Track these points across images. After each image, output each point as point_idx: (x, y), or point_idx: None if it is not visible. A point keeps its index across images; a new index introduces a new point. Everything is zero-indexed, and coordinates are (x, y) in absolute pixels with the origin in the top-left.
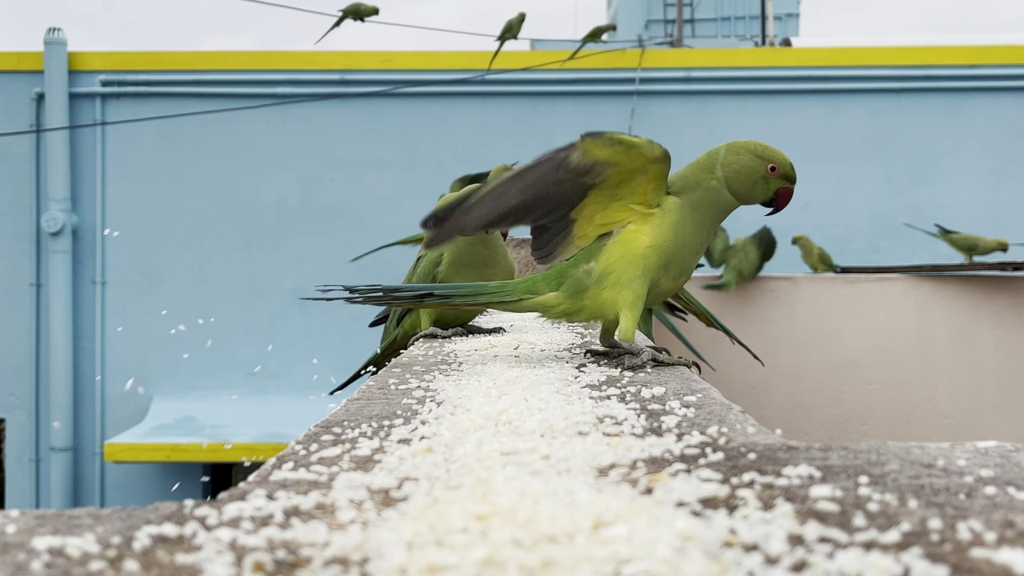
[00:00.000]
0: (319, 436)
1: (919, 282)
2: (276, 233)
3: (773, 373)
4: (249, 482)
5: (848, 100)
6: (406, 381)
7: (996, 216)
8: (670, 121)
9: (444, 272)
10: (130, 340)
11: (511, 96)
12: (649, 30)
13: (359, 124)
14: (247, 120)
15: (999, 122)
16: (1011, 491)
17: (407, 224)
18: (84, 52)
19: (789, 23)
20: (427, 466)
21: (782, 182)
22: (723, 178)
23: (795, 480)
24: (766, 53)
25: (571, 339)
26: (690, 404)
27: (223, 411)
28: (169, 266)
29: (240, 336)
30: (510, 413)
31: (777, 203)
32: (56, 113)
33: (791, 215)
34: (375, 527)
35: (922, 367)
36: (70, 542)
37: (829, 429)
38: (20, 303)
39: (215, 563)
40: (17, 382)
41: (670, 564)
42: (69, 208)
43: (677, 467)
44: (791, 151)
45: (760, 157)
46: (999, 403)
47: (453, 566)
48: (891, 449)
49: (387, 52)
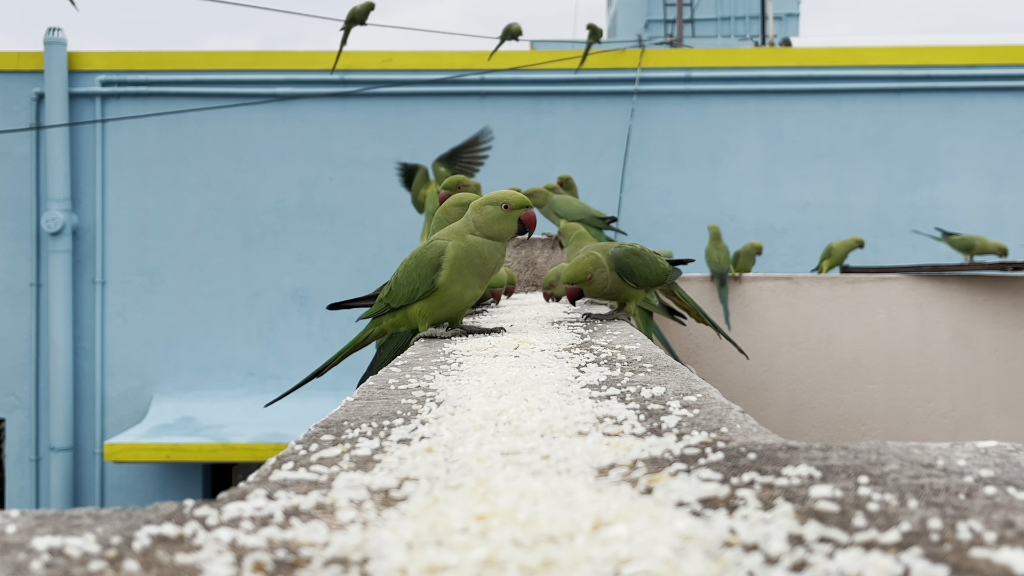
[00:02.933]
0: (319, 436)
1: (919, 282)
2: (276, 233)
3: (773, 373)
4: (249, 482)
5: (848, 100)
6: (406, 381)
7: (996, 216)
8: (670, 121)
9: (445, 273)
10: (130, 340)
11: (511, 96)
12: (649, 30)
13: (359, 124)
14: (247, 120)
15: (999, 122)
16: (1011, 491)
17: (407, 224)
18: (84, 52)
19: (789, 23)
20: (427, 466)
21: (519, 211)
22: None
23: (795, 480)
24: (766, 53)
25: (571, 339)
26: (690, 404)
27: (223, 411)
28: (169, 266)
29: (240, 336)
30: (510, 413)
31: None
32: (56, 113)
33: (791, 214)
34: (375, 527)
35: (922, 367)
36: (70, 542)
37: (829, 429)
38: (20, 303)
39: (215, 563)
40: (17, 382)
41: (670, 564)
42: (69, 208)
43: (677, 467)
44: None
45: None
46: (999, 403)
47: (453, 566)
48: (891, 449)
49: (387, 52)
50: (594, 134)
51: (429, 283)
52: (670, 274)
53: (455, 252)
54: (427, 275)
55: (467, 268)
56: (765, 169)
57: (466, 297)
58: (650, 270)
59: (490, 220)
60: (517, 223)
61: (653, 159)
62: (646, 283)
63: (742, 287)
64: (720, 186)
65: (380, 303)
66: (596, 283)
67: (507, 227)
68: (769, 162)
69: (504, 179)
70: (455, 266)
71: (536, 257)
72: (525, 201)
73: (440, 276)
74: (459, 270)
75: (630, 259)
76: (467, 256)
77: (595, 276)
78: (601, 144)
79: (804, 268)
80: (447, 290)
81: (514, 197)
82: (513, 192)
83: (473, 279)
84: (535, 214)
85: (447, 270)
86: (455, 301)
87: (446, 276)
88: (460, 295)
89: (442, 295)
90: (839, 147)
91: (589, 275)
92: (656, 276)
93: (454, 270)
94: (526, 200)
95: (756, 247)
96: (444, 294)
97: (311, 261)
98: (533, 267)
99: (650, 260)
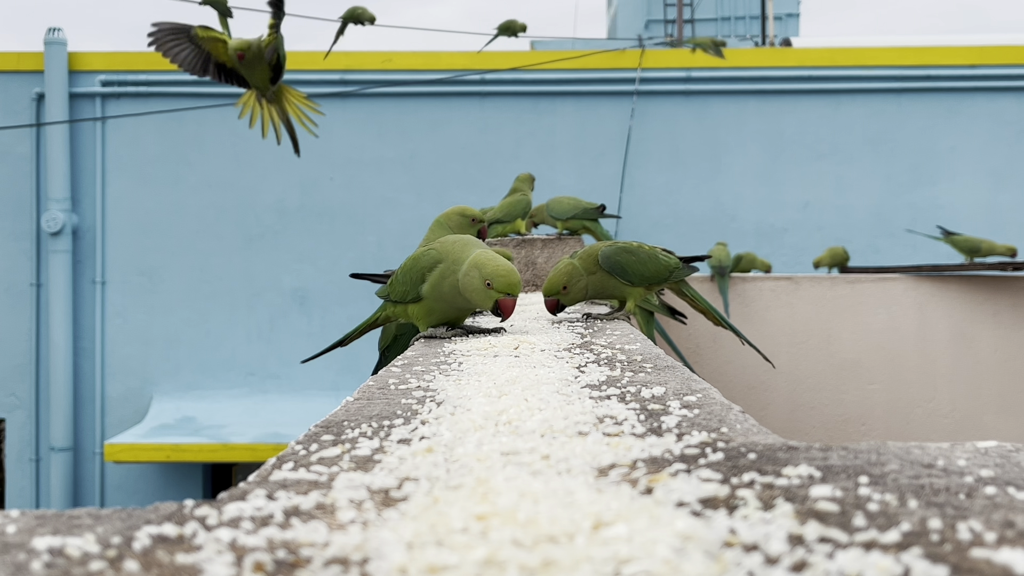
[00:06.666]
0: (319, 436)
1: (919, 282)
2: (276, 233)
3: (773, 373)
4: (249, 482)
5: (848, 100)
6: (406, 381)
7: (996, 216)
8: (670, 121)
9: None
10: (130, 340)
11: (511, 96)
12: (649, 30)
13: (359, 124)
14: (247, 120)
15: (999, 122)
16: (1011, 491)
17: (407, 224)
18: (84, 52)
19: (789, 23)
20: (427, 466)
21: (499, 295)
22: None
23: (795, 480)
24: (766, 53)
25: (571, 339)
26: (690, 404)
27: (223, 411)
28: (169, 266)
29: (240, 336)
30: (510, 413)
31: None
32: (56, 113)
33: (791, 214)
34: (375, 527)
35: (922, 367)
36: (70, 542)
37: (829, 429)
38: (20, 303)
39: (215, 563)
40: (17, 382)
41: (670, 564)
42: (69, 208)
43: (677, 467)
44: (791, 151)
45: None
46: (999, 403)
47: (453, 566)
48: (891, 449)
49: (387, 52)
50: (594, 134)
51: (416, 291)
52: (675, 271)
53: (440, 273)
54: (416, 282)
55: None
56: (765, 169)
57: (456, 305)
58: (646, 267)
59: (470, 286)
60: (493, 304)
61: (653, 159)
62: (642, 280)
63: (742, 287)
64: (720, 186)
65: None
66: (573, 292)
67: (482, 301)
68: (769, 162)
69: (504, 179)
70: (438, 285)
71: (536, 257)
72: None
73: (424, 288)
74: (440, 290)
75: (621, 256)
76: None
77: (570, 286)
78: (601, 144)
79: (804, 268)
80: (431, 301)
81: (500, 280)
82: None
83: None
84: (513, 304)
85: (429, 286)
86: (444, 310)
87: (428, 290)
88: (443, 310)
89: (428, 304)
90: (839, 147)
91: (564, 286)
92: (655, 273)
93: (435, 288)
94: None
95: (765, 265)
96: (429, 304)
97: (311, 261)
98: (533, 267)
99: (646, 257)
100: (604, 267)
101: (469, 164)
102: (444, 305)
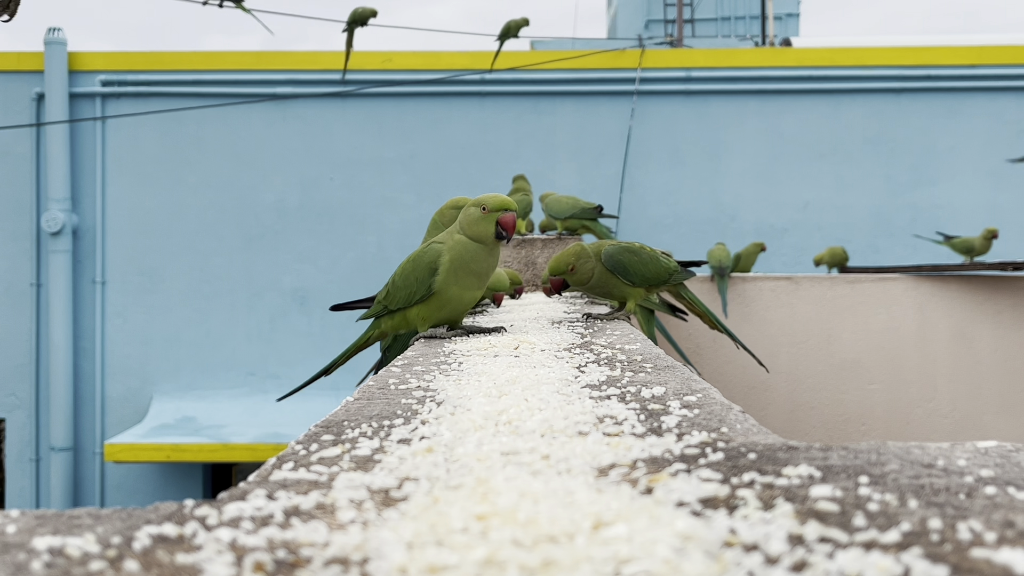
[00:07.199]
0: (319, 436)
1: (919, 282)
2: (276, 233)
3: (773, 373)
4: (249, 482)
5: (848, 100)
6: (406, 381)
7: (996, 216)
8: (670, 121)
9: (442, 277)
10: (130, 340)
11: (511, 96)
12: (649, 30)
13: (359, 124)
14: (247, 120)
15: (999, 122)
16: (1011, 491)
17: (407, 224)
18: (84, 52)
19: (789, 23)
20: (427, 466)
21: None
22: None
23: (795, 480)
24: (766, 53)
25: (571, 339)
26: (690, 404)
27: (223, 411)
28: (169, 266)
29: (240, 336)
30: (510, 413)
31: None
32: (56, 113)
33: (791, 214)
34: (375, 527)
35: (922, 367)
36: (70, 542)
37: (829, 429)
38: (20, 303)
39: (215, 563)
40: (17, 382)
41: (670, 564)
42: (69, 208)
43: (677, 467)
44: (791, 151)
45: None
46: (999, 403)
47: (453, 566)
48: (891, 449)
49: (387, 52)
50: (594, 134)
51: (426, 287)
52: (675, 274)
53: (451, 255)
54: (424, 279)
55: (462, 270)
56: (765, 169)
57: (464, 299)
58: (648, 268)
59: (471, 221)
60: (495, 225)
61: (653, 159)
62: (643, 281)
63: (742, 287)
64: (720, 186)
65: (378, 305)
66: (580, 273)
67: (485, 229)
68: (769, 162)
69: (504, 179)
70: (451, 269)
71: (536, 257)
72: (504, 204)
73: (437, 280)
74: (455, 272)
75: (623, 256)
76: (460, 257)
77: (578, 266)
78: (601, 144)
79: (804, 268)
80: (445, 293)
81: (492, 200)
82: (494, 195)
83: (470, 280)
84: (513, 217)
85: (443, 274)
86: (454, 303)
87: (442, 280)
88: (459, 297)
89: (440, 298)
90: (839, 147)
91: (571, 265)
92: (656, 275)
93: (450, 273)
94: (505, 203)
95: (759, 245)
96: (442, 297)
97: (311, 261)
98: (533, 267)
99: (648, 258)
100: (607, 266)
101: (469, 164)
102: (459, 290)
